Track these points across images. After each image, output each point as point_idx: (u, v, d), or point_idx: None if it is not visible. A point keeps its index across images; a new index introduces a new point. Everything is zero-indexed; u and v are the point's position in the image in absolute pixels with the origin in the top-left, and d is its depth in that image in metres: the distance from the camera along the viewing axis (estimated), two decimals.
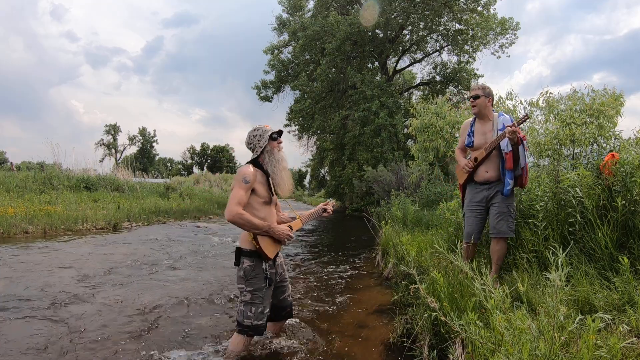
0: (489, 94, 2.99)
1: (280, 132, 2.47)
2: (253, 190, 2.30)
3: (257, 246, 2.28)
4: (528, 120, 2.89)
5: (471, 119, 3.13)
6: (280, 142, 2.45)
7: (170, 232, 8.93)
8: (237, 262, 2.34)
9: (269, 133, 2.39)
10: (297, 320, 3.05)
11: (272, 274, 2.38)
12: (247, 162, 2.40)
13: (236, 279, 2.36)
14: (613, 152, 3.14)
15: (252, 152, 2.42)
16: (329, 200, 2.79)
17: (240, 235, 2.40)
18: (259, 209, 2.32)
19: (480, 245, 3.34)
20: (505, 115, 2.99)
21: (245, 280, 2.30)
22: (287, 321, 2.83)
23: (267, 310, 2.37)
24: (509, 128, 2.71)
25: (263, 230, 2.28)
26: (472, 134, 3.04)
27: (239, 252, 2.34)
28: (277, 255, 2.46)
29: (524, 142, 2.88)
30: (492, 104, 3.04)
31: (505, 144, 2.83)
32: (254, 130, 2.42)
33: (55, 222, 8.02)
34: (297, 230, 2.55)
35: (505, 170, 2.85)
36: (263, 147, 2.37)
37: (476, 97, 2.98)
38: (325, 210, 2.75)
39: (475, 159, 2.98)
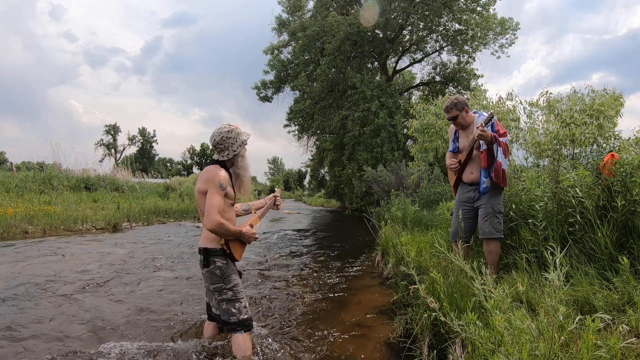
0: (462, 107, 3.04)
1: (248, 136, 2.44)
2: (225, 194, 2.25)
3: (228, 251, 2.27)
4: (494, 117, 2.92)
5: None
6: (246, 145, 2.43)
7: (169, 232, 8.93)
8: (207, 263, 2.26)
9: (245, 139, 2.35)
10: (297, 320, 3.05)
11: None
12: (213, 163, 2.32)
13: (209, 280, 2.28)
14: (613, 152, 3.14)
15: (220, 152, 2.32)
16: (276, 189, 2.78)
17: (202, 236, 2.32)
18: (226, 211, 2.28)
19: (478, 245, 3.35)
20: (484, 113, 3.01)
21: (223, 278, 2.27)
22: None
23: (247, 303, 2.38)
24: (476, 130, 2.77)
25: (235, 237, 2.27)
26: (456, 139, 3.19)
27: (208, 253, 2.26)
28: None
29: (500, 139, 2.88)
30: (469, 109, 3.09)
31: (482, 143, 2.89)
32: (229, 131, 2.31)
33: (54, 222, 8.03)
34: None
35: (482, 169, 2.93)
36: (236, 152, 2.32)
37: (455, 118, 3.06)
38: (275, 204, 2.77)
39: (460, 161, 3.10)
